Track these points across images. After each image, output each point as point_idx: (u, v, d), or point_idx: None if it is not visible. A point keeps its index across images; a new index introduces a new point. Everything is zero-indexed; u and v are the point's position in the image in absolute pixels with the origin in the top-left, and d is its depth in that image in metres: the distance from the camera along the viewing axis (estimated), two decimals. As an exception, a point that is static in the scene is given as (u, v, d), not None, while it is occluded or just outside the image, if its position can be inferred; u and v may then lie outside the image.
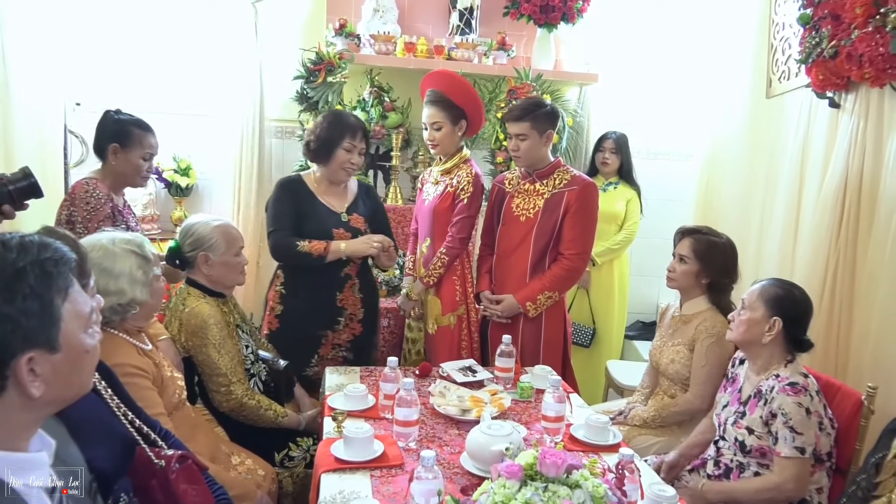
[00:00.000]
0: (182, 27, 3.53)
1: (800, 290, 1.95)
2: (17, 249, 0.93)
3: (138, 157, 2.37)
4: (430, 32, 3.67)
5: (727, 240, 2.32)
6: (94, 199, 2.27)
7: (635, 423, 2.37)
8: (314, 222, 2.48)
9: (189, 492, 1.30)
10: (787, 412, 1.78)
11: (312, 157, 2.54)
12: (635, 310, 4.05)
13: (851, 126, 2.30)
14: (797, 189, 2.65)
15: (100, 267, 1.60)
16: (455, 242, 2.60)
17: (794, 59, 2.66)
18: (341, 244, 2.45)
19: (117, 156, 2.34)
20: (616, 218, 3.53)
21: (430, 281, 2.64)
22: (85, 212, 2.25)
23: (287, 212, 2.48)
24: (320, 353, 2.54)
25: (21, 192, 1.74)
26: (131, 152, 2.35)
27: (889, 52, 1.98)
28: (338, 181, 2.55)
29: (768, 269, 2.76)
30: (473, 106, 2.62)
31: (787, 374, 1.85)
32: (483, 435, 1.65)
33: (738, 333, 1.96)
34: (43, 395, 0.94)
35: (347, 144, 2.46)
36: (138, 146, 2.36)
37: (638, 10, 3.87)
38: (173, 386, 1.77)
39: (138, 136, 2.36)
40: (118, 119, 2.38)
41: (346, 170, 2.50)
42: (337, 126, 2.46)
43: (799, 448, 1.77)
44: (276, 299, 2.55)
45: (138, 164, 2.37)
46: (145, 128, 2.40)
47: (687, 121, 3.93)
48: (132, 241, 1.70)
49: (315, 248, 2.41)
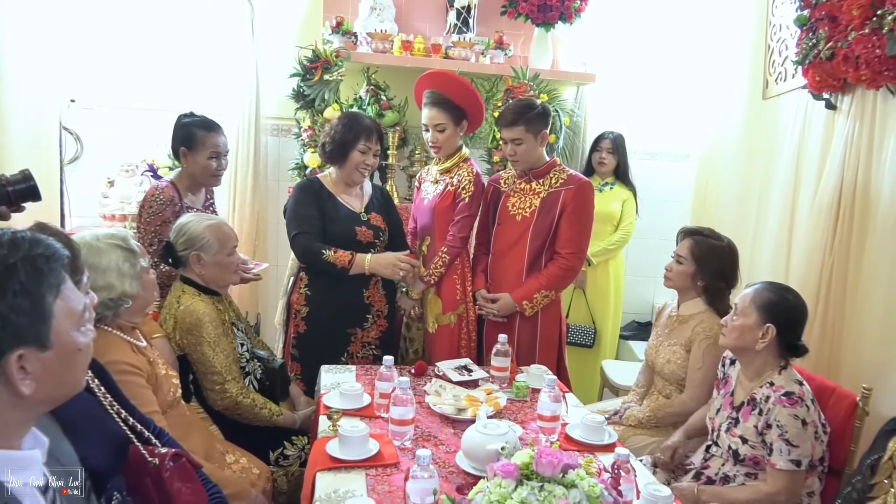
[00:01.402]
0: (178, 24, 3.51)
1: (793, 294, 1.91)
2: (8, 246, 0.92)
3: (205, 157, 2.47)
4: (428, 31, 3.66)
5: (728, 243, 2.31)
6: (157, 204, 2.39)
7: (630, 423, 2.37)
8: (336, 222, 2.50)
9: (183, 490, 1.29)
10: (783, 424, 1.76)
11: (328, 159, 2.54)
12: (631, 310, 4.05)
13: (847, 128, 2.30)
14: (793, 190, 2.65)
15: (86, 263, 1.59)
16: (456, 241, 2.60)
17: (790, 60, 2.66)
18: (366, 259, 2.45)
19: (187, 158, 2.48)
20: (612, 218, 3.54)
21: (432, 280, 2.64)
22: (147, 215, 2.40)
23: (312, 213, 2.48)
24: (350, 350, 2.55)
25: (19, 194, 1.73)
26: (198, 154, 2.47)
27: (885, 53, 1.99)
28: (353, 182, 2.56)
29: (763, 269, 2.77)
30: (476, 106, 2.62)
31: (782, 383, 1.83)
32: (479, 434, 1.65)
33: (731, 340, 1.93)
34: (33, 393, 0.93)
35: (362, 146, 2.46)
36: (203, 147, 2.46)
37: (635, 10, 3.88)
38: (168, 384, 1.76)
39: (202, 137, 2.46)
40: (185, 122, 2.50)
41: (361, 171, 2.51)
42: (352, 128, 2.46)
43: (795, 461, 1.76)
44: (302, 302, 2.54)
45: (206, 164, 2.48)
46: (210, 128, 2.50)
47: (683, 121, 3.94)
48: (116, 235, 1.69)
49: (339, 259, 2.41)
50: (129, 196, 3.37)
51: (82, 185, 3.46)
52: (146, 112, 3.56)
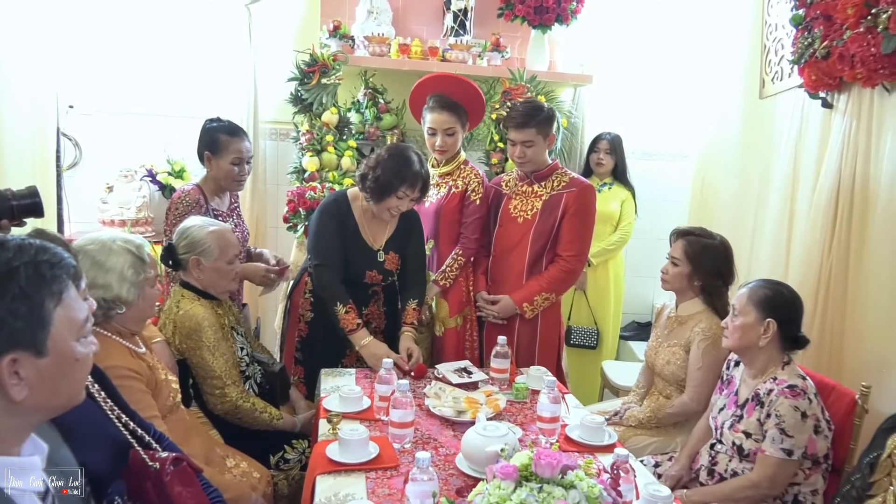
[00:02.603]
0: (176, 29, 3.52)
1: (787, 288, 1.96)
2: (14, 250, 0.92)
3: (228, 162, 2.48)
4: (425, 34, 3.67)
5: (721, 241, 2.32)
6: (183, 206, 2.42)
7: (631, 423, 2.37)
8: (350, 261, 2.43)
9: (184, 494, 1.29)
10: (782, 414, 1.78)
11: (364, 191, 2.40)
12: (630, 310, 4.05)
13: (844, 126, 2.31)
14: (791, 188, 2.65)
15: (93, 259, 1.62)
16: (471, 243, 2.62)
17: (786, 59, 2.67)
18: (363, 341, 2.34)
19: (211, 162, 2.50)
20: (611, 218, 3.54)
21: (447, 283, 2.63)
22: (173, 216, 2.42)
23: (334, 245, 2.40)
24: (345, 363, 2.53)
25: (23, 209, 1.75)
26: (222, 158, 2.48)
27: (880, 52, 1.99)
28: (379, 216, 2.45)
29: (762, 267, 2.77)
30: (479, 106, 2.66)
31: (786, 377, 1.85)
32: (478, 436, 1.65)
33: (734, 340, 1.95)
34: (26, 399, 0.92)
35: (402, 193, 2.33)
36: (226, 151, 2.47)
37: (632, 11, 3.88)
38: (167, 389, 1.76)
39: (226, 141, 2.47)
40: (210, 127, 2.52)
41: (392, 213, 2.42)
42: (399, 172, 2.31)
43: (786, 450, 1.77)
44: (307, 307, 2.52)
45: (229, 168, 2.49)
46: (234, 132, 2.50)
47: (681, 121, 3.95)
48: (132, 242, 1.70)
49: (345, 322, 2.34)
50: (127, 201, 3.37)
51: (81, 191, 3.46)
52: (145, 117, 3.57)
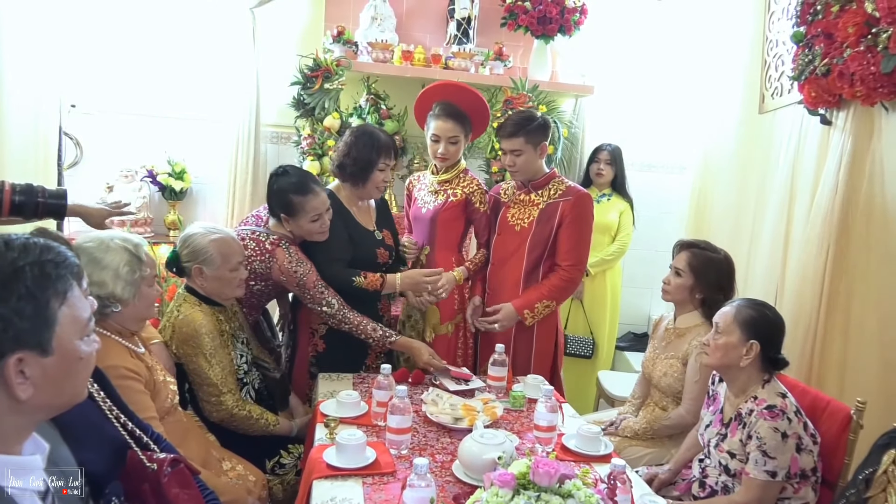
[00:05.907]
0: (179, 31, 3.53)
1: (771, 310, 1.95)
2: (19, 249, 0.92)
3: (307, 221, 2.31)
4: (428, 41, 3.69)
5: (724, 256, 2.33)
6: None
7: (626, 434, 2.37)
8: (358, 246, 2.46)
9: (181, 496, 1.28)
10: (763, 437, 1.78)
11: (348, 179, 2.45)
12: (627, 321, 4.06)
13: (842, 143, 2.33)
14: (788, 203, 2.67)
15: (90, 256, 1.62)
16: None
17: (786, 75, 2.69)
18: (397, 279, 2.44)
19: (289, 223, 2.34)
20: (609, 229, 3.56)
21: (474, 267, 2.69)
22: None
23: (340, 236, 2.41)
24: (367, 363, 2.54)
25: (48, 208, 1.74)
26: (300, 219, 2.31)
27: (880, 71, 2.01)
28: (368, 198, 2.52)
29: (758, 281, 2.79)
30: (484, 115, 2.68)
31: (765, 396, 1.85)
32: (476, 443, 1.65)
33: (716, 359, 1.94)
34: (31, 398, 0.92)
35: (382, 164, 2.41)
36: (303, 212, 2.29)
37: (634, 24, 3.92)
38: (165, 390, 1.76)
39: (299, 203, 2.28)
40: (278, 189, 2.31)
41: (380, 188, 2.47)
42: (373, 146, 2.38)
43: (770, 472, 1.77)
44: (318, 321, 2.46)
45: (310, 227, 2.33)
46: (304, 191, 2.28)
47: (680, 134, 3.98)
48: (129, 240, 1.71)
49: (371, 283, 2.39)
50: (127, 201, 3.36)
51: (82, 190, 3.45)
52: (146, 118, 3.58)
